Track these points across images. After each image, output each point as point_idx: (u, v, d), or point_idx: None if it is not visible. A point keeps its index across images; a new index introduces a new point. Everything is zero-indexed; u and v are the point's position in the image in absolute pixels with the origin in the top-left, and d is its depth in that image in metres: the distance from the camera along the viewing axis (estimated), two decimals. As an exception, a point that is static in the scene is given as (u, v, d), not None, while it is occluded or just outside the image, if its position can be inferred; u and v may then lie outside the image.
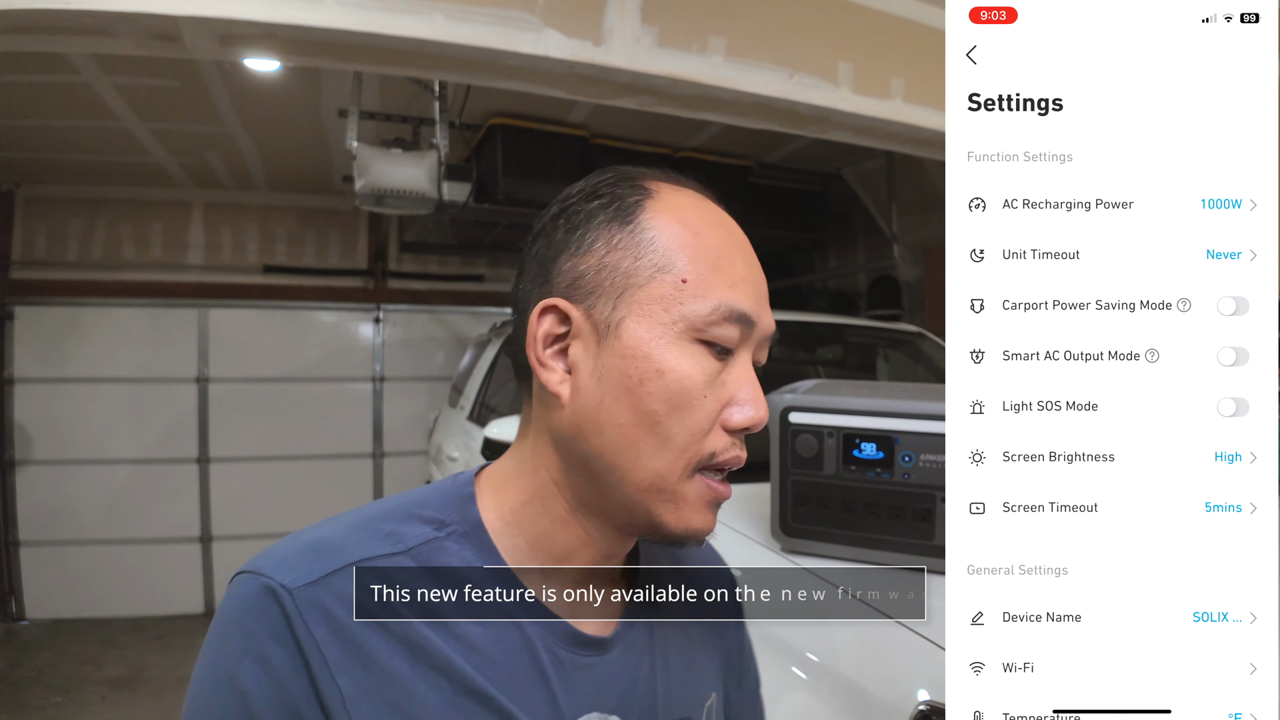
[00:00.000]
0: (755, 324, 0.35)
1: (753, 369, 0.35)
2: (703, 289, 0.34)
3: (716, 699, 0.42)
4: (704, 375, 0.33)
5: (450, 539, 0.34)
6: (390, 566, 0.32)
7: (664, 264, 0.34)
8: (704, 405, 0.33)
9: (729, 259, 0.35)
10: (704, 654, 0.42)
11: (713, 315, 0.33)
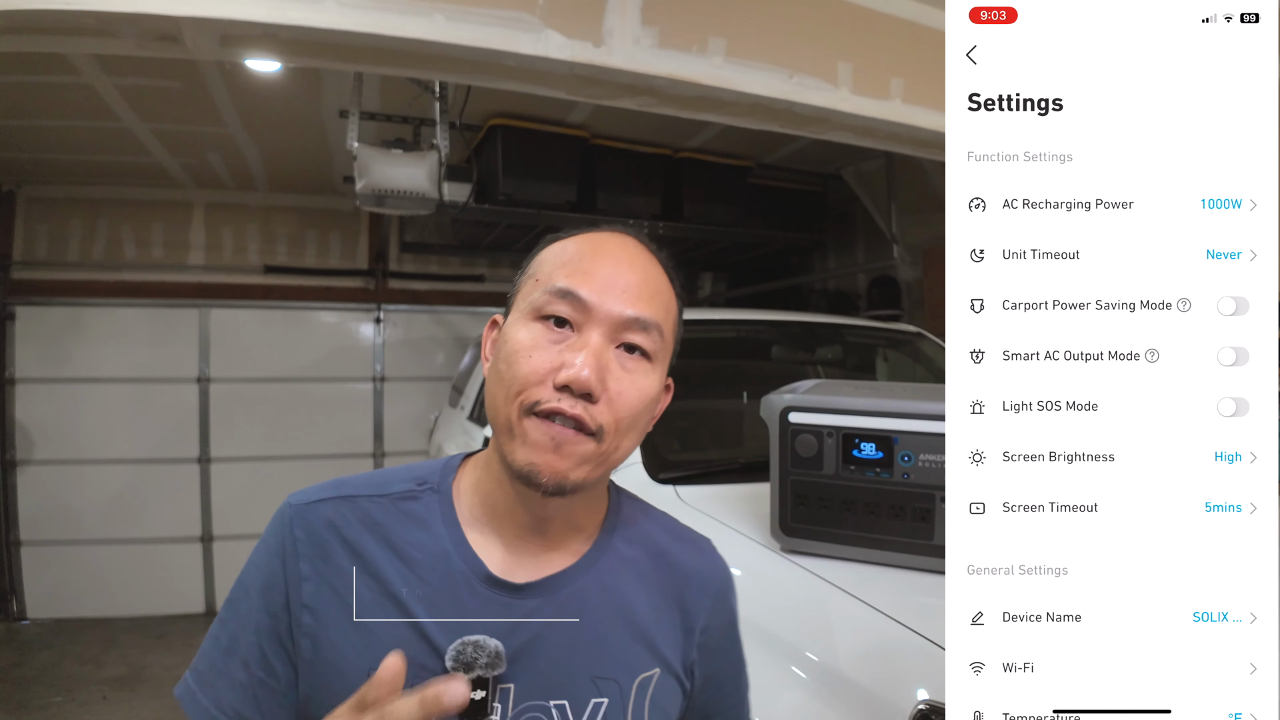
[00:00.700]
0: (586, 301, 0.44)
1: (603, 346, 0.44)
2: (546, 282, 0.45)
3: (660, 676, 0.48)
4: (533, 341, 0.44)
5: (424, 493, 0.48)
6: (369, 502, 0.47)
7: (531, 273, 0.48)
8: (531, 362, 0.43)
9: (581, 260, 0.46)
10: (658, 635, 0.49)
11: (544, 297, 0.45)
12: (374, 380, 3.59)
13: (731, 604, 0.53)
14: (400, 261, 3.67)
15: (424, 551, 0.45)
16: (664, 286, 0.48)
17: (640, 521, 0.52)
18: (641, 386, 0.45)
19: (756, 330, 1.73)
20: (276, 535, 0.47)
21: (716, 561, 0.54)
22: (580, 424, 0.42)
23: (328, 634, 0.43)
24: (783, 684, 0.73)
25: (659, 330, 0.46)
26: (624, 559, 0.49)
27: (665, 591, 0.50)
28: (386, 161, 2.05)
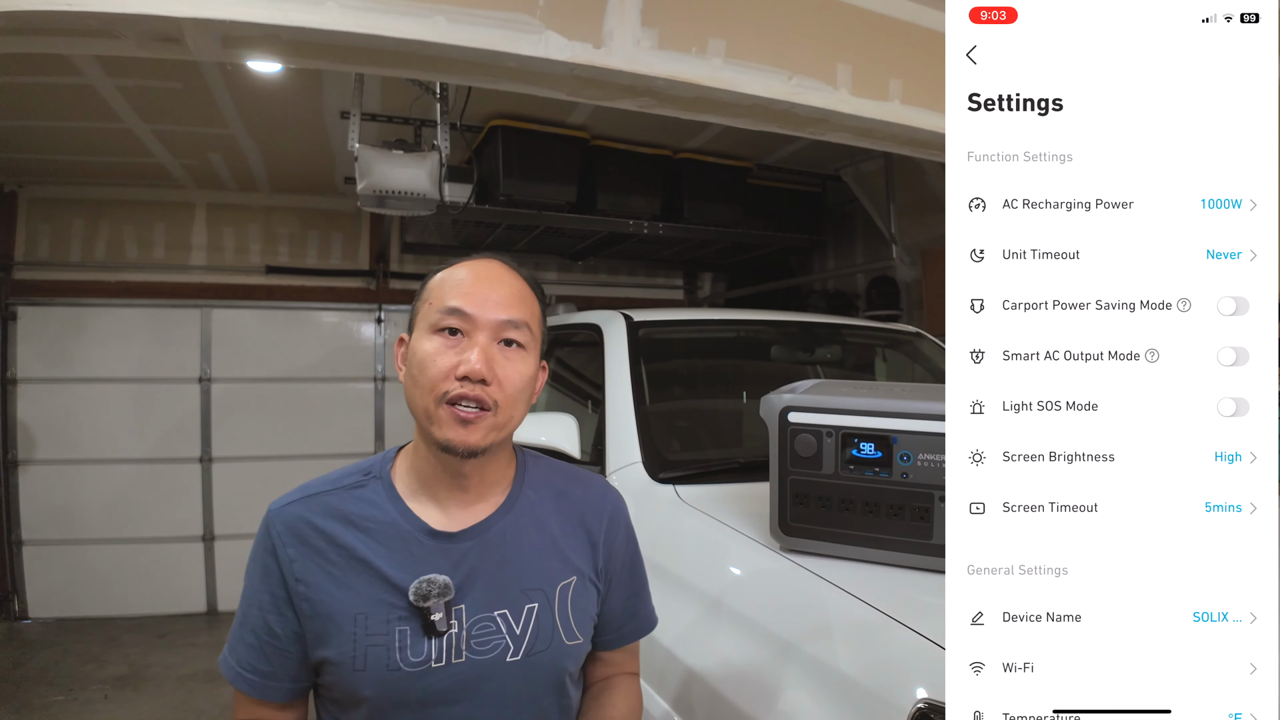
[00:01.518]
0: (471, 314, 0.59)
1: (488, 343, 0.59)
2: (438, 304, 0.61)
3: (577, 581, 0.65)
4: (436, 349, 0.59)
5: (369, 480, 0.63)
6: (329, 496, 0.62)
7: (425, 297, 0.63)
8: (437, 364, 0.58)
9: (464, 284, 0.61)
10: (570, 549, 0.65)
11: (438, 315, 0.60)
12: (375, 380, 3.60)
13: (622, 519, 0.70)
14: (401, 262, 3.68)
15: (377, 522, 0.60)
16: (528, 295, 0.64)
17: (544, 472, 0.69)
18: (520, 370, 0.61)
19: (756, 330, 1.73)
20: (264, 535, 0.61)
21: (607, 490, 0.71)
22: (480, 402, 0.58)
23: (319, 595, 0.58)
24: (782, 683, 0.73)
25: (528, 327, 0.62)
26: (533, 501, 0.66)
27: (570, 518, 0.67)
28: (387, 162, 2.05)
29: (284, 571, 0.59)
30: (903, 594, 0.76)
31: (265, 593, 0.59)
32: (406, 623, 0.57)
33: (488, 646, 0.59)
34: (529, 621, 0.61)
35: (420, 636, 0.57)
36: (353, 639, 0.57)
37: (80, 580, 3.14)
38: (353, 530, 0.59)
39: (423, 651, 0.57)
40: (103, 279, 3.22)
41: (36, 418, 3.13)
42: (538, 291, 0.66)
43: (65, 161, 2.89)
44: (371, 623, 0.57)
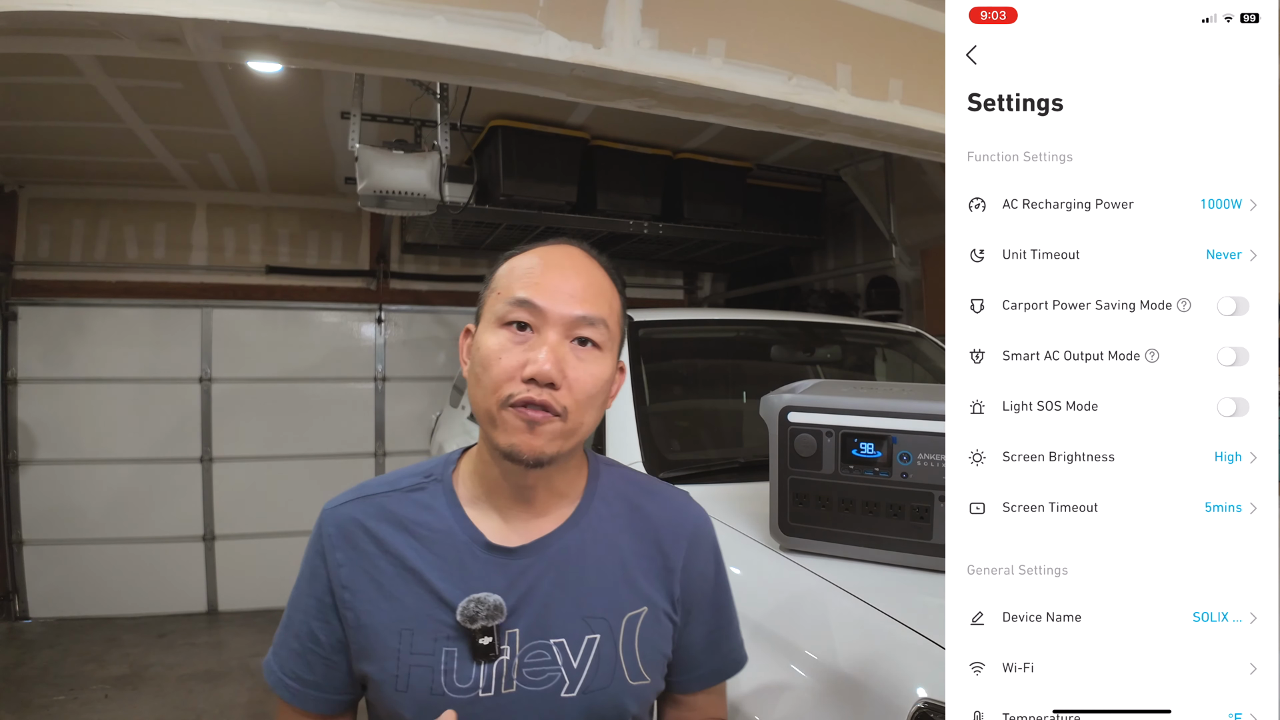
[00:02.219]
0: (541, 308, 0.53)
1: (559, 342, 0.53)
2: (506, 295, 0.54)
3: (648, 614, 0.57)
4: (501, 345, 0.53)
5: (429, 483, 0.58)
6: (385, 497, 0.57)
7: (493, 287, 0.57)
8: (502, 363, 0.52)
9: (534, 273, 0.54)
10: (641, 575, 0.58)
11: (506, 307, 0.54)
12: (375, 380, 3.60)
13: (706, 543, 0.62)
14: (401, 262, 3.68)
15: (432, 530, 0.55)
16: (607, 287, 0.57)
17: (617, 484, 0.61)
18: (594, 372, 0.54)
19: (756, 330, 1.73)
20: (315, 535, 0.57)
21: (688, 508, 0.62)
22: (547, 407, 0.51)
23: (365, 605, 0.54)
24: (782, 683, 0.73)
25: (604, 324, 0.55)
26: (603, 517, 0.59)
27: (643, 539, 0.59)
28: (388, 162, 2.05)
29: (330, 576, 0.55)
30: (903, 594, 0.76)
31: (311, 597, 0.56)
32: (454, 644, 0.52)
33: (541, 678, 0.53)
34: (588, 654, 0.54)
35: (468, 660, 0.52)
36: (396, 656, 0.52)
37: (80, 580, 3.14)
38: (406, 536, 0.55)
39: (470, 677, 0.52)
40: (103, 279, 3.22)
41: (37, 418, 3.13)
42: (618, 283, 0.59)
43: (65, 161, 2.89)
44: (418, 640, 0.52)
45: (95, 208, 3.24)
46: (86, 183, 3.17)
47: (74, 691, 2.43)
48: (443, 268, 3.75)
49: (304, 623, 0.56)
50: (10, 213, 3.14)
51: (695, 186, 2.76)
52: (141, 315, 3.25)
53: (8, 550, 3.08)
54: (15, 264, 3.12)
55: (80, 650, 2.78)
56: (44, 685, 2.47)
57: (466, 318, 2.64)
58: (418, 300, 3.69)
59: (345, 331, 3.58)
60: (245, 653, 2.78)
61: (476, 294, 2.38)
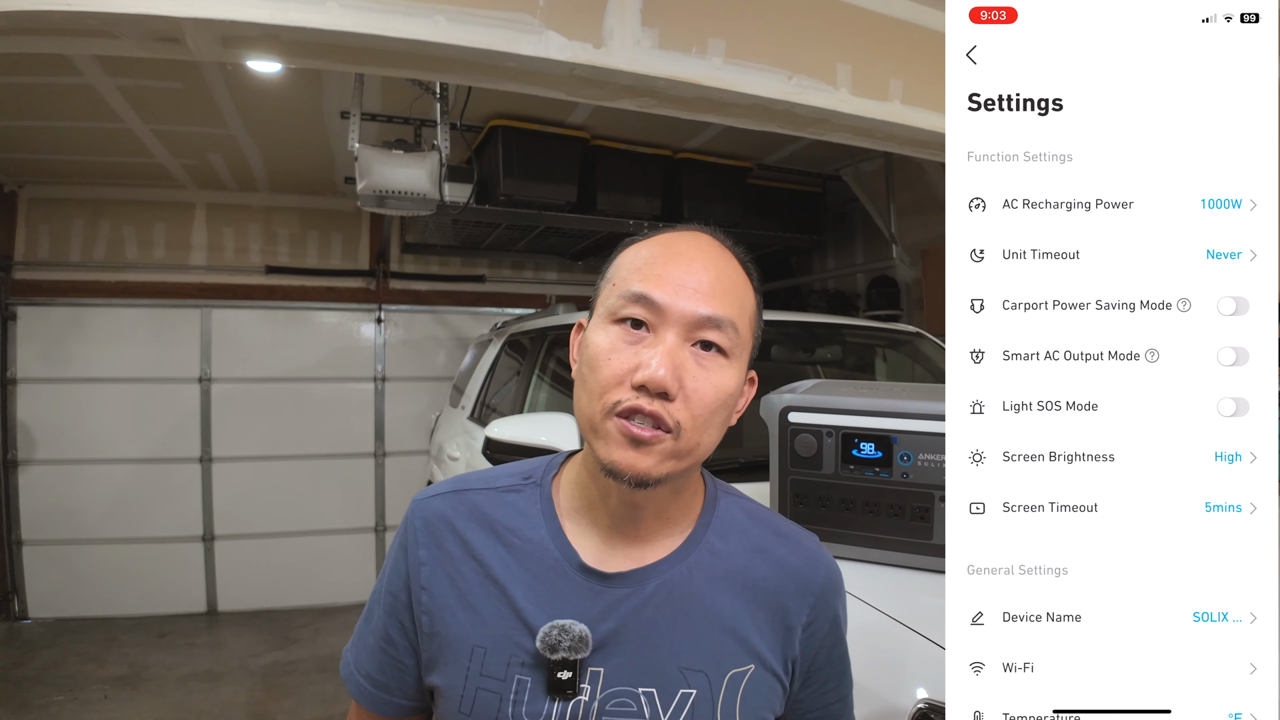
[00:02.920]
0: (659, 304, 0.46)
1: (678, 345, 0.46)
2: (622, 287, 0.47)
3: (755, 671, 0.49)
4: (611, 344, 0.46)
5: (527, 486, 0.52)
6: (478, 495, 0.52)
7: (609, 277, 0.50)
8: (610, 365, 0.45)
9: (654, 263, 0.47)
10: (752, 631, 0.50)
11: (619, 301, 0.47)
12: (375, 380, 3.60)
13: (835, 602, 0.53)
14: (401, 262, 3.67)
15: (524, 539, 0.50)
16: (739, 283, 0.50)
17: (737, 517, 0.53)
18: (717, 383, 0.46)
19: (757, 330, 1.73)
20: (402, 527, 0.53)
21: (821, 559, 0.53)
22: (658, 421, 0.44)
23: (440, 612, 0.49)
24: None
25: (733, 327, 0.47)
26: (717, 554, 0.51)
27: (762, 588, 0.51)
28: (387, 162, 2.05)
29: (410, 573, 0.50)
30: (903, 594, 0.76)
31: (390, 593, 0.52)
32: (530, 672, 0.46)
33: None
34: (680, 710, 0.47)
35: (541, 693, 0.46)
36: (465, 674, 0.47)
37: (80, 580, 3.14)
38: (495, 542, 0.49)
39: (541, 713, 0.46)
40: (102, 279, 3.22)
41: (36, 418, 3.13)
42: (754, 280, 0.52)
43: (65, 161, 2.89)
44: (490, 661, 0.47)
45: (95, 208, 3.23)
46: (86, 183, 3.17)
47: (73, 692, 2.43)
48: (442, 268, 3.75)
49: (381, 619, 0.52)
50: (10, 212, 3.13)
51: (695, 186, 2.76)
52: (141, 315, 3.24)
53: (7, 550, 3.08)
54: (15, 264, 3.12)
55: (80, 650, 2.78)
56: (43, 685, 2.47)
57: (467, 318, 2.68)
58: (417, 300, 3.69)
59: (345, 331, 3.58)
60: (245, 653, 2.78)
61: (476, 294, 2.41)
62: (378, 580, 0.54)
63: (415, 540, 0.51)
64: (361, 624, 0.54)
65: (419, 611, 0.50)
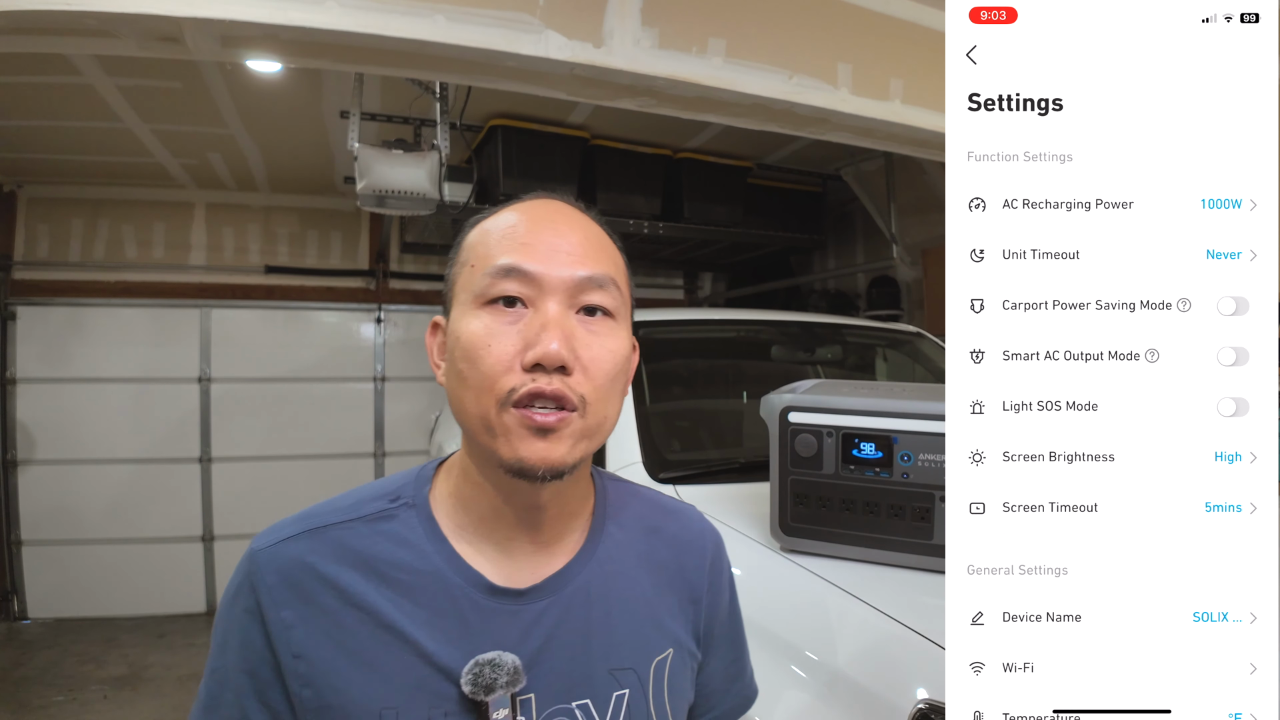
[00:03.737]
0: (533, 273, 0.41)
1: (563, 314, 0.41)
2: (482, 264, 0.42)
3: (674, 655, 0.48)
4: (487, 330, 0.41)
5: (400, 509, 0.44)
6: (342, 530, 0.43)
7: (464, 259, 0.44)
8: (493, 353, 0.40)
9: (516, 233, 0.43)
10: (665, 613, 0.49)
11: (486, 280, 0.41)
12: (375, 380, 3.60)
13: (725, 565, 0.54)
14: (401, 262, 3.67)
15: (413, 573, 0.42)
16: (607, 242, 0.46)
17: (629, 502, 0.51)
18: (612, 347, 0.42)
19: (756, 330, 1.74)
20: (247, 585, 0.42)
21: (705, 525, 0.54)
22: (562, 401, 0.40)
23: (328, 679, 0.40)
24: (783, 684, 0.73)
25: (615, 285, 0.43)
26: (620, 543, 0.48)
27: (665, 568, 0.49)
28: (387, 162, 2.05)
29: (275, 643, 0.41)
30: (903, 594, 0.76)
31: (243, 673, 0.41)
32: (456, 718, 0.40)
33: None
34: (618, 713, 0.44)
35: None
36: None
37: (79, 580, 3.14)
38: (379, 583, 0.42)
39: None
40: (102, 279, 3.22)
41: (36, 418, 3.13)
42: (617, 242, 0.47)
43: (65, 161, 2.89)
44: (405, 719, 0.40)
45: (94, 207, 3.23)
46: (85, 182, 3.16)
47: (73, 692, 2.42)
48: (442, 268, 3.70)
49: (234, 706, 0.42)
50: (9, 212, 3.13)
51: (695, 186, 2.76)
52: (140, 315, 3.24)
53: (6, 550, 3.07)
54: (14, 264, 3.12)
55: (79, 651, 2.77)
56: (43, 686, 2.47)
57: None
58: (417, 300, 3.69)
59: (344, 331, 3.58)
60: (245, 653, 2.78)
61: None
62: (212, 660, 0.43)
63: (272, 600, 0.41)
64: (201, 713, 0.43)
65: (297, 685, 0.40)
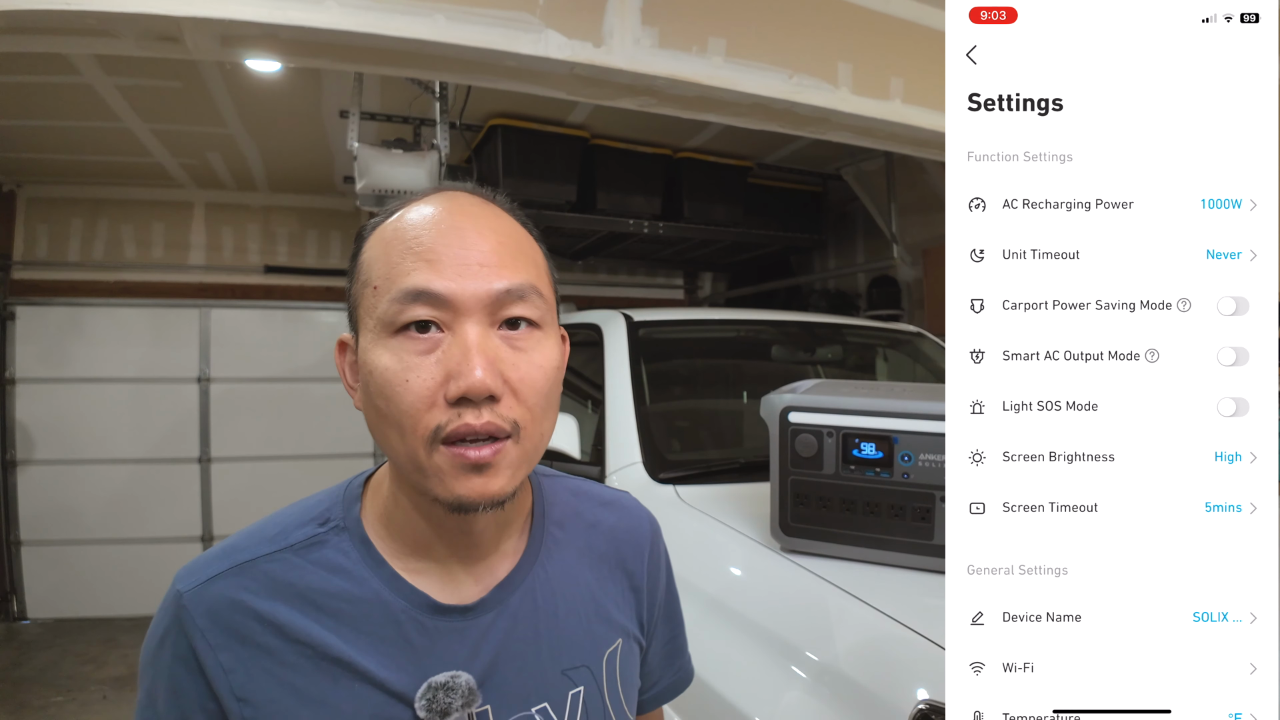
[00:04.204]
0: (444, 295, 0.37)
1: (484, 335, 0.38)
2: (387, 286, 0.38)
3: (623, 644, 0.48)
4: (401, 364, 0.37)
5: (331, 533, 0.42)
6: (269, 562, 0.41)
7: (365, 279, 0.40)
8: (411, 389, 0.37)
9: (419, 246, 0.38)
10: (610, 605, 0.48)
11: (394, 306, 0.37)
12: (374, 380, 3.60)
13: (661, 548, 0.54)
14: (400, 261, 3.68)
15: (352, 601, 0.40)
16: (523, 240, 0.42)
17: (564, 498, 0.50)
18: (540, 362, 0.40)
19: (756, 330, 1.74)
20: (175, 629, 0.39)
21: (640, 513, 0.53)
22: (494, 434, 0.37)
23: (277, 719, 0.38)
24: (783, 684, 0.73)
25: (536, 292, 0.40)
26: (560, 542, 0.48)
27: (606, 560, 0.49)
28: (387, 161, 2.05)
29: (216, 689, 0.38)
30: (903, 594, 0.76)
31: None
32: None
33: None
34: (575, 711, 0.44)
35: None
36: None
37: (79, 580, 3.14)
38: (319, 615, 0.40)
39: None
40: (101, 279, 3.22)
41: (35, 418, 3.13)
42: (531, 230, 0.44)
43: (64, 161, 2.89)
44: None
45: (93, 207, 3.23)
46: (85, 182, 3.16)
47: (72, 693, 2.42)
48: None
49: None
50: (8, 212, 3.13)
51: (695, 186, 2.76)
52: (139, 315, 3.24)
53: (5, 551, 3.07)
54: (13, 263, 3.12)
55: (78, 651, 2.77)
56: (42, 686, 2.47)
57: (466, 317, 2.57)
58: (417, 300, 3.69)
59: (344, 331, 3.58)
60: (244, 653, 2.78)
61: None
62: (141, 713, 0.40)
63: (206, 644, 0.38)
64: None
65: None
